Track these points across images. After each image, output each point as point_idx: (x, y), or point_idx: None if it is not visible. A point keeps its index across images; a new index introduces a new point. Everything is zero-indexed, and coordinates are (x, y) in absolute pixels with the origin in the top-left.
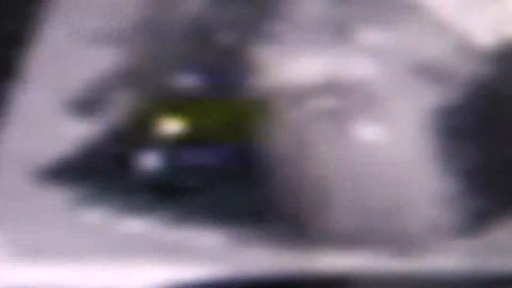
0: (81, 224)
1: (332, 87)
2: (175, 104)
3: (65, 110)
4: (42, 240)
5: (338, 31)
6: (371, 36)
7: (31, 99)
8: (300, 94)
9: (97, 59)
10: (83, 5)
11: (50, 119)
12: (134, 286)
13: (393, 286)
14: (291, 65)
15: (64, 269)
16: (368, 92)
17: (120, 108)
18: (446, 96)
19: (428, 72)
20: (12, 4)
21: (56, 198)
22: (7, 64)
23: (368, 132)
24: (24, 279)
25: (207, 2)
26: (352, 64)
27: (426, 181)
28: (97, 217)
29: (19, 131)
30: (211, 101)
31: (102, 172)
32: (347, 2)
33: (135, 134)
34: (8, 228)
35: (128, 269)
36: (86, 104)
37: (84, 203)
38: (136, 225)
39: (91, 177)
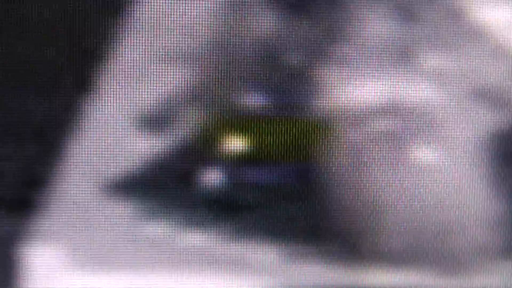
0: (144, 237)
1: (392, 110)
2: (240, 122)
3: (135, 125)
4: (106, 250)
5: (401, 54)
6: (433, 59)
7: (103, 114)
8: (361, 116)
9: (168, 77)
10: (157, 23)
11: (121, 133)
12: None
13: None
14: (354, 86)
15: (125, 279)
16: (427, 115)
17: (187, 125)
18: (503, 121)
19: (487, 96)
20: (90, 20)
21: (121, 211)
22: (83, 79)
23: (423, 155)
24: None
25: (276, 23)
26: (413, 87)
27: (476, 204)
28: (159, 231)
29: (90, 144)
30: (274, 120)
31: (166, 187)
32: (411, 25)
33: (200, 150)
34: (74, 238)
35: (187, 282)
36: (155, 120)
37: (147, 216)
38: (196, 239)
39: (155, 191)
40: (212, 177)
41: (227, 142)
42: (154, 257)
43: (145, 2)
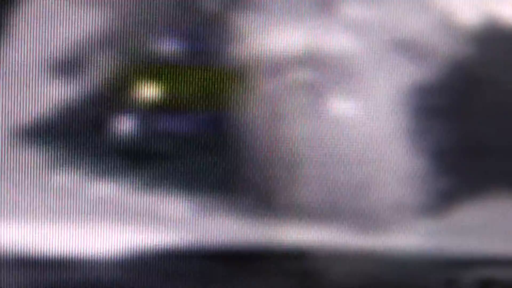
0: (53, 186)
1: (310, 60)
2: (153, 69)
3: (45, 70)
4: (14, 199)
5: (321, 4)
6: (354, 10)
7: (11, 59)
8: (278, 65)
9: (80, 21)
10: None
11: (30, 79)
12: (102, 249)
13: (355, 262)
14: (271, 35)
15: (34, 229)
16: (346, 66)
17: (99, 71)
18: (424, 74)
19: (407, 49)
20: None
21: (30, 159)
22: None
23: (341, 107)
24: None
25: None
26: (333, 37)
27: (394, 160)
28: (69, 180)
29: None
30: (189, 68)
31: (77, 135)
32: None
33: (112, 98)
34: None
35: (97, 232)
36: (65, 66)
37: (58, 165)
38: (107, 189)
39: (66, 139)
40: (125, 126)
41: (140, 89)
42: (64, 206)
43: None
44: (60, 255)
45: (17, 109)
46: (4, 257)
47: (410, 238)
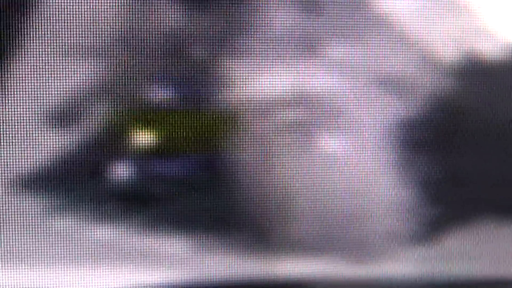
0: (53, 231)
1: (298, 100)
2: (147, 116)
3: (42, 120)
4: (14, 245)
5: (305, 45)
6: (337, 49)
7: (9, 109)
8: (267, 107)
9: (74, 71)
10: (62, 18)
11: (27, 128)
12: None
13: None
14: (259, 78)
15: (35, 273)
16: (332, 105)
17: (94, 119)
18: (408, 109)
19: (391, 85)
20: None
21: (30, 206)
22: None
23: (330, 144)
24: None
25: (180, 17)
26: (318, 77)
27: (383, 191)
28: (68, 224)
29: None
30: (181, 113)
31: (75, 181)
32: (314, 16)
33: (107, 144)
34: None
35: (96, 274)
36: (62, 115)
37: (56, 210)
38: (105, 233)
39: (64, 185)
40: (120, 171)
41: (134, 135)
42: (64, 251)
43: None
44: None
45: (15, 157)
46: None
47: (402, 266)
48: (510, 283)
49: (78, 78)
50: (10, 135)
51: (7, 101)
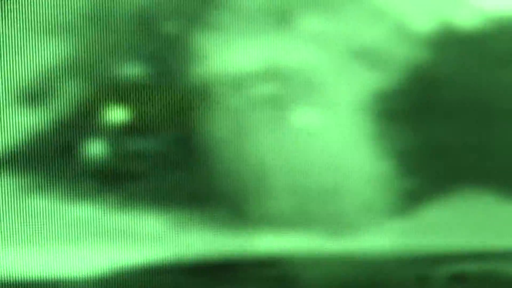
0: (30, 211)
1: (272, 74)
2: (119, 92)
3: (14, 100)
4: None
5: (279, 19)
6: (311, 23)
7: None
8: (240, 81)
9: (45, 50)
10: None
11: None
12: (79, 269)
13: (328, 265)
14: (232, 53)
15: (13, 254)
16: (307, 78)
17: (66, 97)
18: (383, 81)
19: (366, 57)
20: None
21: (5, 186)
22: None
23: (306, 118)
24: None
25: None
26: (292, 51)
27: (361, 164)
28: (45, 204)
29: None
30: (154, 88)
31: (49, 160)
32: None
33: (81, 122)
34: None
35: (73, 253)
36: (34, 94)
37: (31, 190)
38: (81, 211)
39: (39, 165)
40: (95, 148)
41: (107, 112)
42: (41, 230)
43: None
44: (38, 278)
45: None
46: None
47: (380, 239)
48: (489, 255)
49: (49, 55)
50: None
51: None
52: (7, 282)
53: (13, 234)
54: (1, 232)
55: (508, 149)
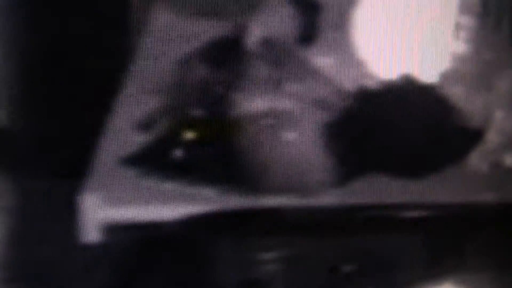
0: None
1: (270, 114)
2: (190, 124)
3: None
4: None
5: (274, 84)
6: (292, 86)
7: None
8: (254, 117)
9: (153, 103)
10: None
11: None
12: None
13: (299, 216)
14: (251, 102)
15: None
16: (289, 116)
17: (162, 127)
18: (329, 118)
19: (320, 105)
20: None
21: None
22: None
23: (289, 137)
24: None
25: (209, 71)
26: (281, 102)
27: (317, 159)
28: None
29: None
30: (208, 122)
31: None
32: (280, 67)
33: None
34: None
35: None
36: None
37: None
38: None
39: None
40: (179, 154)
41: (184, 133)
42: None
43: None
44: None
45: None
46: None
47: (328, 199)
48: (413, 207)
49: (150, 103)
50: None
51: None
52: None
53: None
54: None
55: None
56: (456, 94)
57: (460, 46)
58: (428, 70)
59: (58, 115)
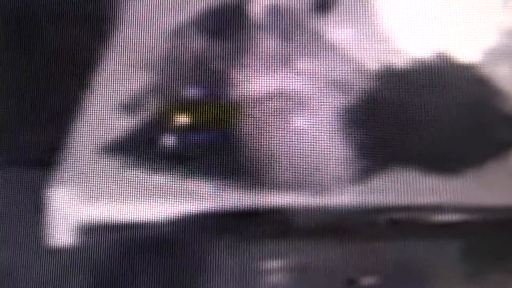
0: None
1: (279, 96)
2: (183, 106)
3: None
4: None
5: (283, 61)
6: (304, 63)
7: None
8: (259, 99)
9: (139, 81)
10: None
11: None
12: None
13: (313, 215)
14: (255, 81)
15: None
16: (301, 99)
17: (150, 109)
18: (348, 101)
19: (337, 85)
20: None
21: None
22: None
23: (300, 123)
24: None
25: (206, 43)
26: (292, 81)
27: (333, 151)
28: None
29: None
30: (204, 104)
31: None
32: (289, 41)
33: (159, 125)
34: None
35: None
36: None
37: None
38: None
39: None
40: (170, 140)
41: (176, 118)
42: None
43: None
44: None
45: None
46: None
47: (345, 198)
48: (447, 209)
49: (142, 84)
50: None
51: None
52: None
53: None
54: None
55: None
56: (501, 74)
57: (509, 18)
58: (467, 46)
59: (27, 94)
